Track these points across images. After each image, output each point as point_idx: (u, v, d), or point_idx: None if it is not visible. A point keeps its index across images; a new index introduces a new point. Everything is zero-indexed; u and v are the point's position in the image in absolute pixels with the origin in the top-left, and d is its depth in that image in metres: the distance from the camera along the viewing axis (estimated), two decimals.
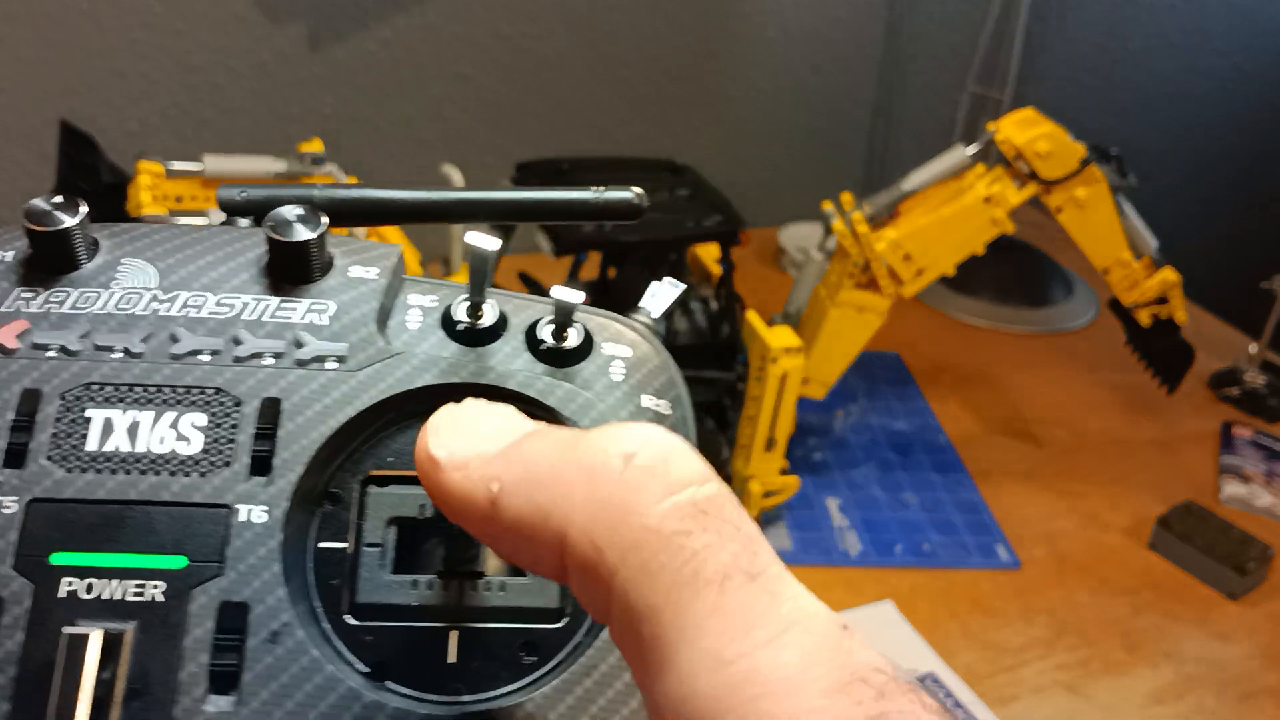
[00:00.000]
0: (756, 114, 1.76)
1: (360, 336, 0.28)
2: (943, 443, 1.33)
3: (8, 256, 0.29)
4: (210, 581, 0.25)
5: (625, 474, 0.21)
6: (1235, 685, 1.02)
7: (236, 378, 0.27)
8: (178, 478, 0.26)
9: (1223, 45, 1.99)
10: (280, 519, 0.26)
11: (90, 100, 1.36)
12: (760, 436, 1.10)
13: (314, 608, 0.26)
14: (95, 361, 0.27)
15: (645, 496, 0.21)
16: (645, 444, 0.22)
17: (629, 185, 0.33)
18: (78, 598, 0.25)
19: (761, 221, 1.63)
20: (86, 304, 0.28)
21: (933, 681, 0.99)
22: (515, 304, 0.30)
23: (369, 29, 1.46)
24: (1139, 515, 1.22)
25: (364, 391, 0.27)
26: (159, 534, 0.25)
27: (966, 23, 1.77)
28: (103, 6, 1.32)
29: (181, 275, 0.29)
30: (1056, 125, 1.11)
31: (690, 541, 0.21)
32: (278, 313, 0.28)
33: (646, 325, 0.31)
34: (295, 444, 0.27)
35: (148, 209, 0.93)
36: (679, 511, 0.21)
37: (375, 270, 0.29)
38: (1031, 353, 1.55)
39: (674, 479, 0.21)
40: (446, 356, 0.28)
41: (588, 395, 0.28)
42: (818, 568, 1.12)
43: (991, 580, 1.12)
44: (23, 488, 0.26)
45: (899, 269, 1.11)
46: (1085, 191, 1.12)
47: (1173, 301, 1.21)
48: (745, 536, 0.21)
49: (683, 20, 1.64)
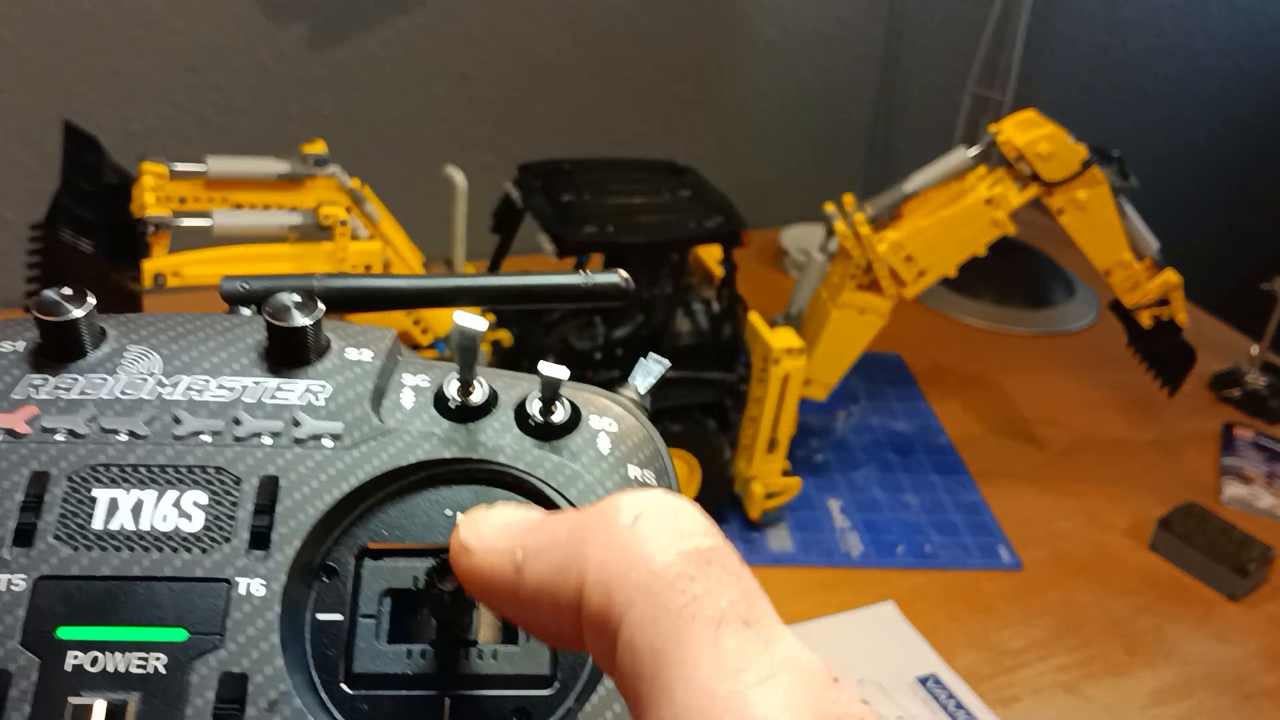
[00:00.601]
0: (758, 114, 1.76)
1: (355, 415, 0.29)
2: (944, 444, 1.33)
3: (19, 346, 0.30)
4: (210, 653, 0.26)
5: (635, 527, 0.23)
6: (1236, 686, 1.03)
7: (236, 457, 0.28)
8: (180, 554, 0.27)
9: (1224, 45, 1.99)
10: (279, 592, 0.27)
11: (91, 100, 1.36)
12: (762, 438, 1.10)
13: (311, 677, 0.27)
14: (101, 444, 0.28)
15: (653, 545, 0.23)
16: (653, 503, 0.24)
17: (616, 269, 0.35)
18: (83, 670, 0.25)
19: (763, 222, 1.63)
20: (93, 389, 0.29)
21: (934, 683, 0.99)
22: (503, 381, 0.31)
23: (370, 29, 1.46)
24: (1140, 516, 1.23)
25: (359, 468, 0.29)
26: (161, 608, 0.26)
27: (967, 23, 1.77)
28: (103, 7, 1.32)
29: (184, 360, 0.30)
30: (1058, 127, 1.11)
31: (692, 586, 0.22)
32: (276, 394, 0.30)
33: (632, 400, 0.32)
34: (293, 519, 0.28)
35: (151, 210, 0.93)
36: (684, 558, 0.23)
37: (370, 353, 0.31)
38: (1033, 354, 1.55)
39: (680, 530, 0.23)
40: (438, 433, 0.30)
41: (575, 467, 0.29)
42: (819, 569, 1.12)
43: (992, 581, 1.12)
44: (31, 566, 0.26)
45: (901, 270, 1.11)
46: (1087, 193, 1.12)
47: (1174, 303, 1.21)
48: (745, 586, 0.23)
49: (684, 20, 1.64)
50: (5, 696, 0.25)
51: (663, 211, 1.10)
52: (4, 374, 0.30)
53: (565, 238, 1.04)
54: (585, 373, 1.10)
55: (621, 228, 1.05)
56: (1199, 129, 2.05)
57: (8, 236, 1.35)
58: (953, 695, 0.97)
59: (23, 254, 0.98)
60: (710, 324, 1.13)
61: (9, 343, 0.30)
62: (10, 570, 0.26)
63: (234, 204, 1.01)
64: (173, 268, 0.94)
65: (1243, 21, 1.97)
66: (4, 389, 0.29)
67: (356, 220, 1.02)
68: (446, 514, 0.29)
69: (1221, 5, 1.95)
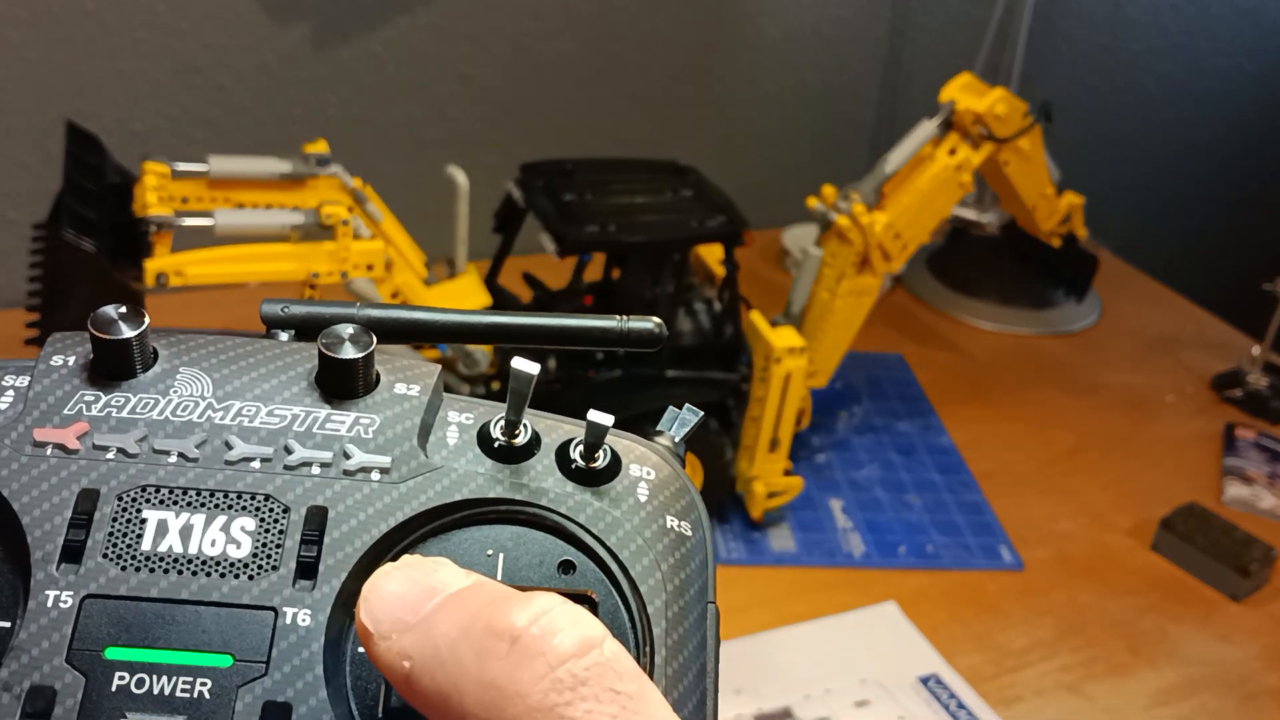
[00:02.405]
0: (760, 115, 1.76)
1: (403, 450, 0.30)
2: (946, 444, 1.33)
3: (71, 360, 0.30)
4: (255, 681, 0.26)
5: (509, 656, 0.23)
6: (1238, 686, 1.03)
7: (286, 485, 0.29)
8: (227, 579, 0.27)
9: (1226, 46, 1.99)
10: (324, 623, 0.27)
11: (94, 100, 1.36)
12: (764, 437, 1.10)
13: (351, 711, 0.27)
14: (152, 465, 0.28)
15: (527, 675, 0.23)
16: (536, 618, 0.24)
17: (649, 317, 0.35)
18: (129, 691, 0.25)
19: (765, 223, 1.63)
20: (145, 409, 0.29)
21: (936, 683, 0.99)
22: (547, 424, 0.31)
23: (373, 29, 1.47)
24: (1142, 517, 1.22)
25: (406, 503, 0.29)
26: (207, 633, 0.26)
27: (969, 24, 1.77)
28: (107, 7, 1.32)
29: (236, 385, 0.30)
30: (1002, 88, 1.19)
31: (570, 711, 0.23)
32: (326, 425, 0.30)
33: (668, 449, 0.32)
34: (340, 551, 0.28)
35: (153, 210, 0.93)
36: (558, 686, 0.23)
37: (417, 388, 0.31)
38: (1034, 355, 1.55)
39: (556, 655, 0.23)
40: (483, 472, 0.30)
41: (616, 514, 0.30)
42: (821, 569, 1.12)
43: (995, 581, 1.12)
44: (79, 584, 0.27)
45: (890, 247, 1.15)
46: (1028, 142, 1.23)
47: (1075, 220, 1.37)
48: (625, 698, 0.23)
49: (686, 21, 1.64)
50: (50, 714, 0.25)
51: (664, 211, 1.10)
52: (57, 388, 0.30)
53: (567, 237, 1.04)
54: (587, 373, 1.10)
55: (623, 227, 1.05)
56: (1201, 129, 2.05)
57: (11, 236, 1.35)
58: (955, 695, 0.97)
59: (25, 253, 0.98)
60: (712, 324, 1.13)
61: (61, 356, 0.30)
62: (58, 587, 0.26)
63: (236, 203, 1.01)
64: (175, 267, 0.94)
65: (1245, 22, 1.97)
66: (56, 404, 0.29)
67: (358, 220, 1.03)
68: (488, 555, 0.29)
69: (1224, 6, 1.95)
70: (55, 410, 0.29)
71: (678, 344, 1.11)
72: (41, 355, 0.31)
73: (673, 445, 0.33)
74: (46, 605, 0.26)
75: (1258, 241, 2.03)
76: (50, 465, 0.28)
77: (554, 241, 1.05)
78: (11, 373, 0.30)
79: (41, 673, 0.25)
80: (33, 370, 0.30)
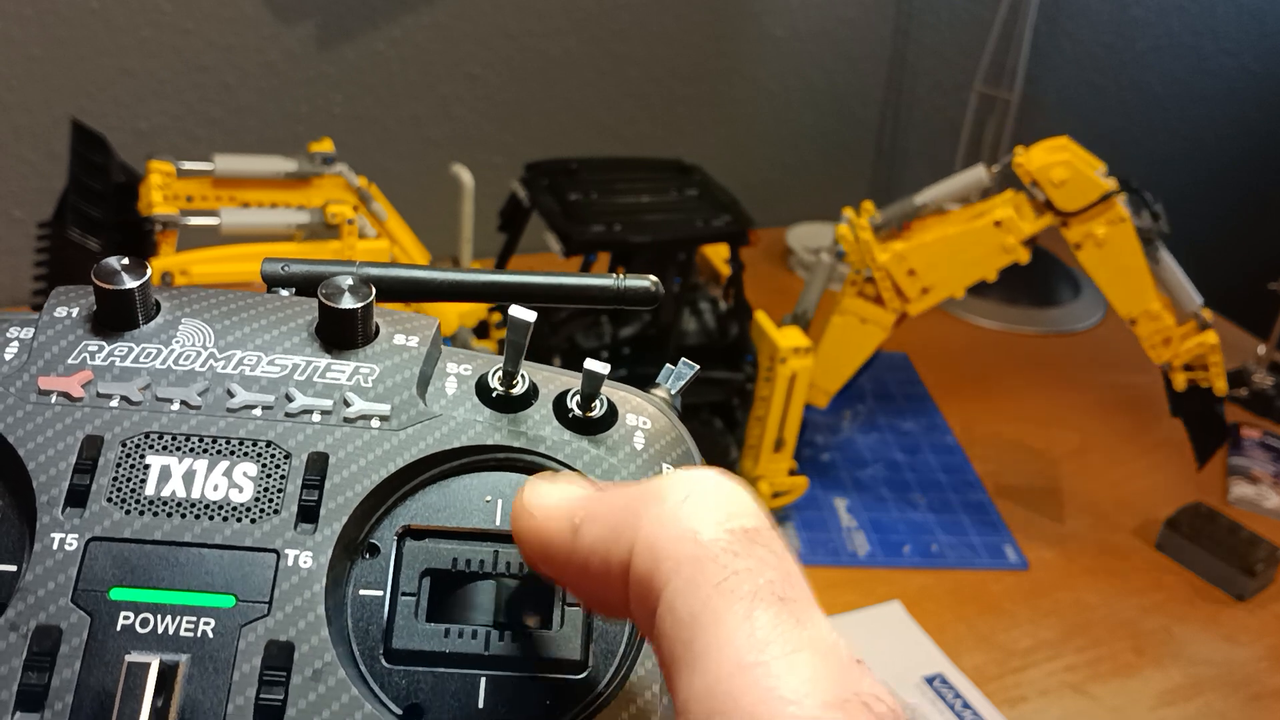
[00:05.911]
0: (765, 114, 1.76)
1: (402, 399, 0.30)
2: (950, 443, 1.33)
3: (75, 312, 0.31)
4: (258, 620, 0.26)
5: (686, 503, 0.24)
6: (1244, 687, 1.02)
7: (287, 432, 0.29)
8: (230, 523, 0.28)
9: (1231, 46, 1.98)
10: (325, 565, 0.27)
11: (99, 99, 1.36)
12: (769, 437, 1.10)
13: (353, 651, 0.28)
14: (155, 412, 0.29)
15: (701, 520, 0.24)
16: (705, 482, 0.25)
17: (646, 275, 0.36)
18: (133, 631, 0.26)
19: (770, 221, 1.63)
20: (148, 359, 0.30)
21: (941, 682, 0.99)
22: (544, 375, 0.32)
23: (378, 28, 1.47)
24: (1147, 516, 1.22)
25: (405, 450, 0.29)
26: (211, 574, 0.27)
27: (974, 23, 1.77)
28: (112, 6, 1.32)
29: (237, 336, 0.31)
30: (1087, 154, 1.05)
31: (735, 562, 0.23)
32: (327, 374, 0.30)
33: (665, 400, 0.33)
34: (340, 495, 0.28)
35: (159, 208, 0.94)
36: (729, 535, 0.24)
37: (416, 339, 0.32)
38: (1039, 353, 1.55)
39: (729, 510, 0.24)
40: (481, 420, 0.30)
41: (612, 461, 0.30)
42: (826, 568, 1.12)
43: (1000, 581, 1.12)
44: (83, 527, 0.27)
45: (904, 284, 1.08)
46: (1106, 230, 1.04)
47: (1212, 369, 1.09)
48: (785, 568, 0.24)
49: (691, 20, 1.64)
50: (56, 653, 0.25)
51: (670, 210, 1.10)
52: (60, 339, 0.30)
53: (572, 236, 1.04)
54: None
55: (628, 226, 1.05)
56: (1206, 129, 2.05)
57: (16, 234, 1.36)
58: (960, 695, 0.97)
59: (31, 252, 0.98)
60: (717, 323, 1.13)
61: (65, 308, 0.31)
62: (63, 530, 0.27)
63: (241, 202, 1.01)
64: (180, 266, 0.94)
65: (1250, 22, 1.97)
66: (60, 353, 0.30)
67: (363, 219, 1.03)
68: (486, 501, 0.30)
69: (1229, 6, 1.95)
70: (60, 359, 0.30)
71: (682, 343, 1.11)
72: (46, 307, 0.31)
73: (669, 397, 0.34)
74: (52, 548, 0.27)
75: (1263, 240, 2.03)
76: (55, 413, 0.29)
77: (559, 241, 1.05)
78: (16, 325, 0.31)
79: (47, 613, 0.26)
80: (37, 321, 0.31)
